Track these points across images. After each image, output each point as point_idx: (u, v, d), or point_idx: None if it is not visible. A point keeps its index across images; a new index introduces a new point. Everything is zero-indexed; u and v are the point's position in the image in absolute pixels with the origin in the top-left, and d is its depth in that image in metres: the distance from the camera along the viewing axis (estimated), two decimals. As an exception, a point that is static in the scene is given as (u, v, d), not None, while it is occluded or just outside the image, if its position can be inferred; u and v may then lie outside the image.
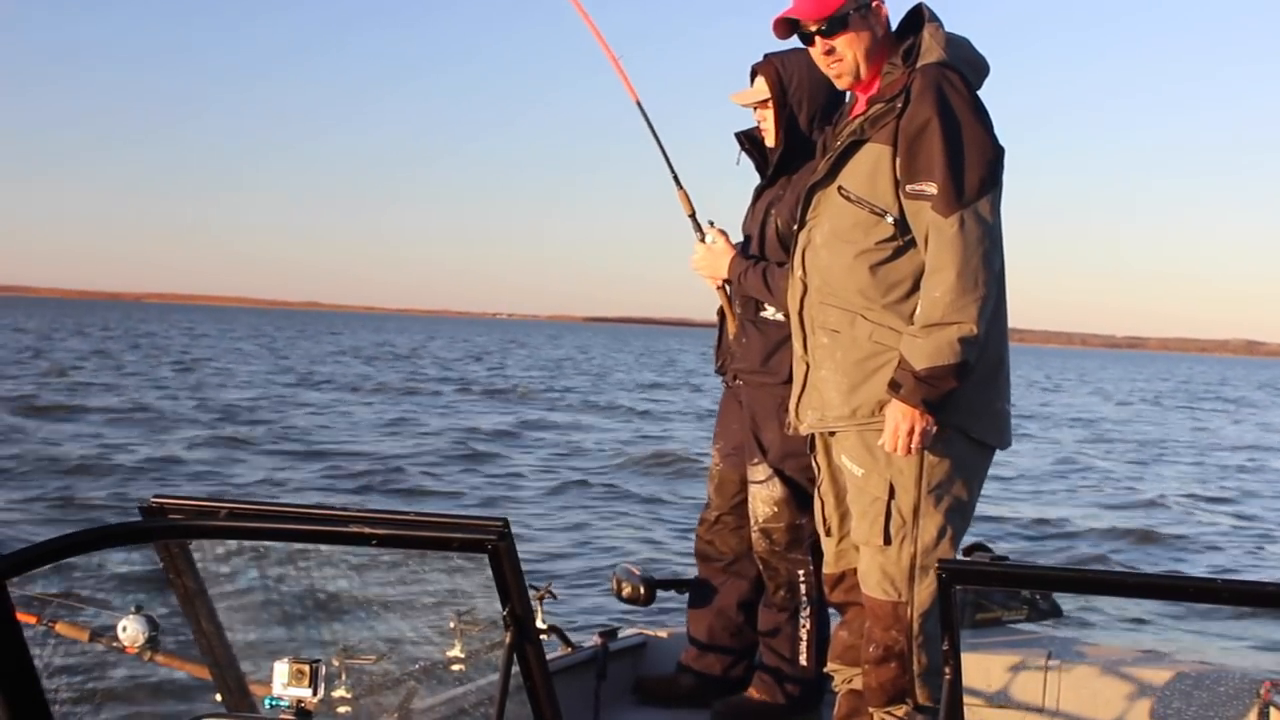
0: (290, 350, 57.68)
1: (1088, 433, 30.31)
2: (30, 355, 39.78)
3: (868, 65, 3.38)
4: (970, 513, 3.41)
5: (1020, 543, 12.99)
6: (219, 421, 21.50)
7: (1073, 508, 16.26)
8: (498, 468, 17.60)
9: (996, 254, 3.24)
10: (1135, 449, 26.53)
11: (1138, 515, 15.81)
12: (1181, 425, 35.87)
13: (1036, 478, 19.26)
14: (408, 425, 23.09)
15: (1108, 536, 14.02)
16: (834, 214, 3.37)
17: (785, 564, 4.03)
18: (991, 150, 3.24)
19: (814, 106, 3.91)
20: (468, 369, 48.43)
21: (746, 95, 4.00)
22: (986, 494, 3.81)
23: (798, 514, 3.97)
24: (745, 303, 4.07)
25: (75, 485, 13.72)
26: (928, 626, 3.32)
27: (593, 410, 29.38)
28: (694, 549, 4.35)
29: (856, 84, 3.43)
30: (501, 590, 1.96)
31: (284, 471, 15.92)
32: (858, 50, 3.36)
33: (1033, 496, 17.07)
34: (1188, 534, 14.56)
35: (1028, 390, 51.53)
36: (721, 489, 4.24)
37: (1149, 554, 13.27)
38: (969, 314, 3.17)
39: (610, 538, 12.38)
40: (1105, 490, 18.45)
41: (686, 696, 4.25)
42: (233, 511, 2.04)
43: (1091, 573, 2.97)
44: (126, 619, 3.16)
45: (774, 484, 3.99)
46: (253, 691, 2.42)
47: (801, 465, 3.92)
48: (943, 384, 3.18)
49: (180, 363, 40.32)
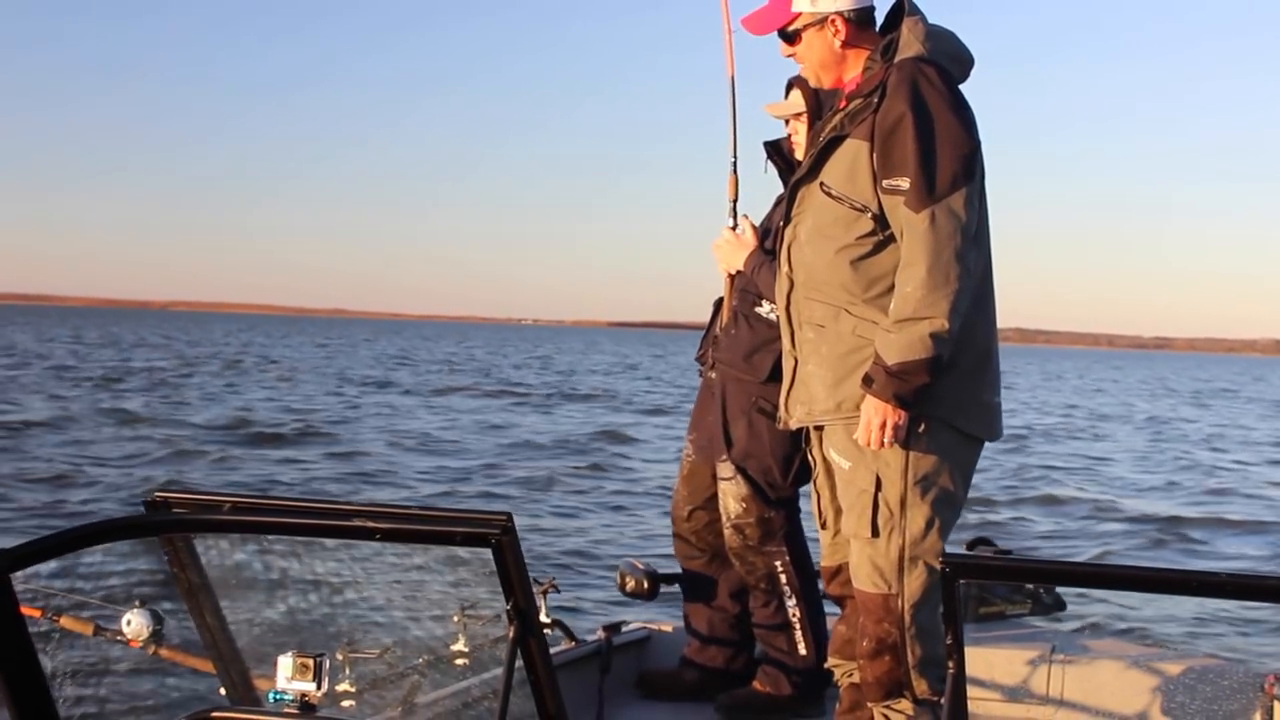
0: (382, 357, 57.97)
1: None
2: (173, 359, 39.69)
3: (826, 73, 3.47)
4: (959, 504, 3.42)
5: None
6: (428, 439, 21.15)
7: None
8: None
9: (971, 249, 3.23)
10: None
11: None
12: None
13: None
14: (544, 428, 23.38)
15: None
16: (817, 210, 3.39)
17: (761, 557, 4.04)
18: (967, 145, 3.23)
19: None
20: (555, 376, 48.62)
21: (782, 108, 4.04)
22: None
23: (765, 507, 4.00)
24: (743, 296, 4.08)
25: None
26: (919, 618, 3.32)
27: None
28: (673, 544, 4.34)
29: (826, 87, 3.52)
30: (505, 584, 1.96)
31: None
32: (812, 60, 3.46)
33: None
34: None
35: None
36: (691, 480, 4.23)
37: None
38: (940, 309, 3.17)
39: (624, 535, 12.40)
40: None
41: (690, 690, 4.25)
42: (236, 505, 2.05)
43: (1094, 566, 2.97)
44: (131, 613, 3.16)
45: (739, 480, 4.01)
46: (257, 685, 2.42)
47: (761, 467, 3.98)
48: (914, 379, 3.19)
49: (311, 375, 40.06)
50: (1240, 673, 3.81)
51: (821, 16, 3.42)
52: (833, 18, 3.41)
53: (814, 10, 3.42)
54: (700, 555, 4.24)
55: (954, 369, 3.27)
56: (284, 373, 40.18)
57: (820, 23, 3.42)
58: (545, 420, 26.14)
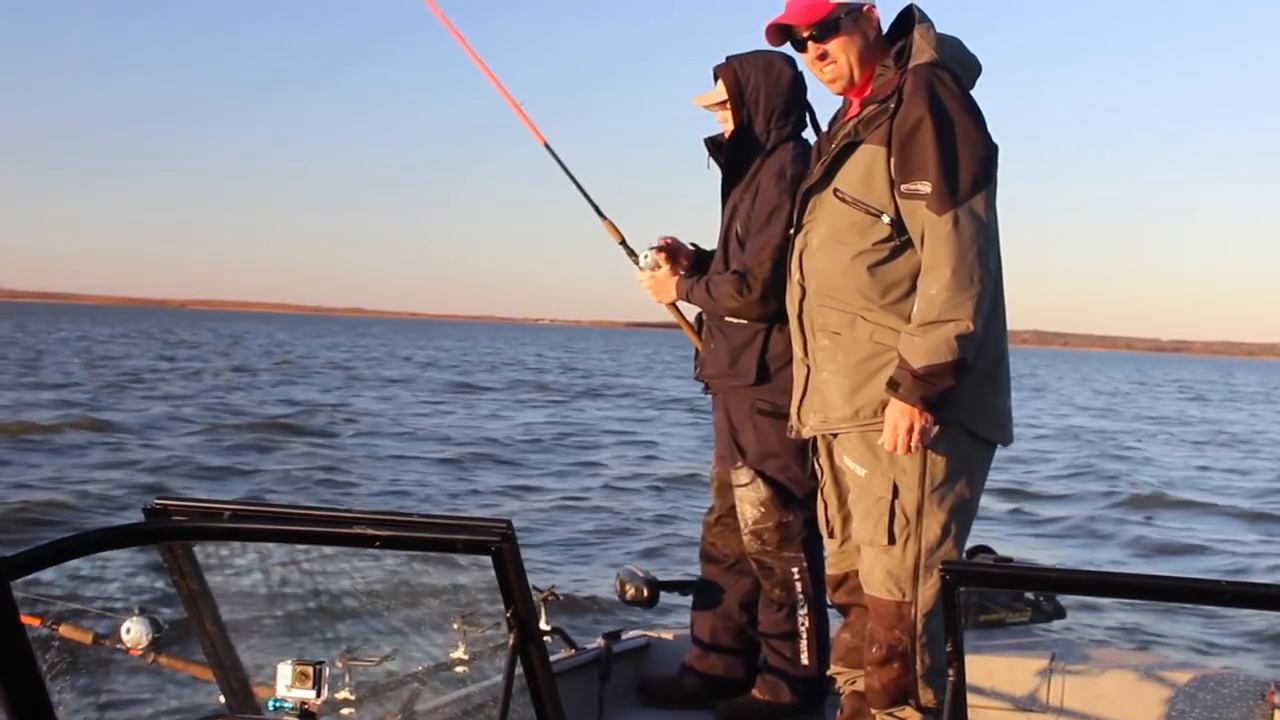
0: (425, 359, 57.90)
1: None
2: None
3: (861, 69, 3.41)
4: (974, 510, 3.41)
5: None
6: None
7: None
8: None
9: (992, 250, 3.25)
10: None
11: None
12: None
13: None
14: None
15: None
16: (830, 216, 3.38)
17: (779, 562, 4.04)
18: (984, 148, 3.24)
19: (770, 107, 4.00)
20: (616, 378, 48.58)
21: (706, 97, 4.10)
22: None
23: (784, 511, 3.99)
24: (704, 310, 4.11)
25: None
26: (932, 626, 3.31)
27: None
28: (699, 550, 4.37)
29: (850, 88, 3.46)
30: (505, 591, 1.95)
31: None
32: (850, 54, 3.40)
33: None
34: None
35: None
36: (721, 492, 4.26)
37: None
38: (965, 311, 3.17)
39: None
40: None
41: (690, 697, 4.25)
42: (236, 513, 2.04)
43: (1094, 574, 2.96)
44: (130, 621, 3.16)
45: (757, 485, 4.01)
46: (256, 693, 2.42)
47: (780, 465, 3.97)
48: (940, 381, 3.18)
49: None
50: (1241, 681, 3.81)
51: (859, 5, 3.38)
52: (869, 7, 3.39)
53: (854, 0, 3.38)
54: (721, 562, 4.25)
55: (970, 373, 3.26)
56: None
57: (857, 14, 3.38)
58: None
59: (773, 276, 3.84)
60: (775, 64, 4.00)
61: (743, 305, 3.95)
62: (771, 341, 3.97)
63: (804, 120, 4.06)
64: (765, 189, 3.96)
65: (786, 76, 4.00)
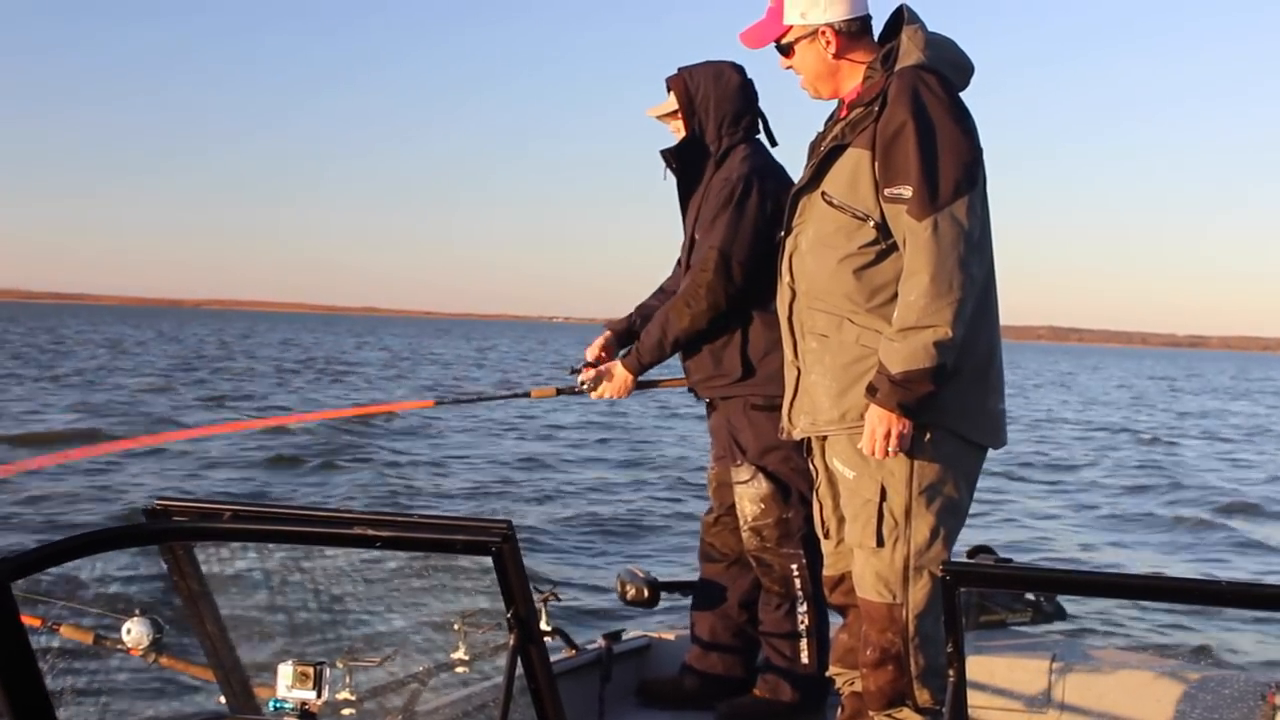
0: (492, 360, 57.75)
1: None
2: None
3: (823, 84, 3.48)
4: (964, 513, 3.41)
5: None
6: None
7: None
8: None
9: (975, 256, 3.23)
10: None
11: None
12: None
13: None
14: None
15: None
16: (818, 219, 3.39)
17: (778, 559, 4.05)
18: (969, 153, 3.23)
19: (720, 114, 4.10)
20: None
21: (659, 108, 4.22)
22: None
23: (784, 508, 4.01)
24: (665, 329, 4.12)
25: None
26: (924, 627, 3.32)
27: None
28: (698, 550, 4.37)
29: (825, 98, 3.52)
30: (505, 592, 1.95)
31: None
32: (807, 71, 3.48)
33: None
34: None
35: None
36: (719, 492, 4.27)
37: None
38: (944, 318, 3.17)
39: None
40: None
41: (691, 698, 4.25)
42: (237, 514, 2.04)
43: (1095, 575, 2.97)
44: (131, 621, 3.16)
45: (758, 481, 4.03)
46: (257, 694, 2.42)
47: (782, 456, 3.99)
48: (918, 388, 3.18)
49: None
50: (1241, 682, 3.81)
51: (812, 29, 3.43)
52: (823, 29, 3.43)
53: (805, 23, 3.43)
54: (721, 560, 4.26)
55: (957, 376, 3.26)
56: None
57: (811, 35, 3.44)
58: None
59: (717, 276, 3.96)
60: (724, 72, 4.12)
61: (697, 313, 4.02)
62: (751, 335, 4.03)
63: (756, 125, 4.16)
64: (713, 195, 4.06)
65: (735, 83, 4.11)
